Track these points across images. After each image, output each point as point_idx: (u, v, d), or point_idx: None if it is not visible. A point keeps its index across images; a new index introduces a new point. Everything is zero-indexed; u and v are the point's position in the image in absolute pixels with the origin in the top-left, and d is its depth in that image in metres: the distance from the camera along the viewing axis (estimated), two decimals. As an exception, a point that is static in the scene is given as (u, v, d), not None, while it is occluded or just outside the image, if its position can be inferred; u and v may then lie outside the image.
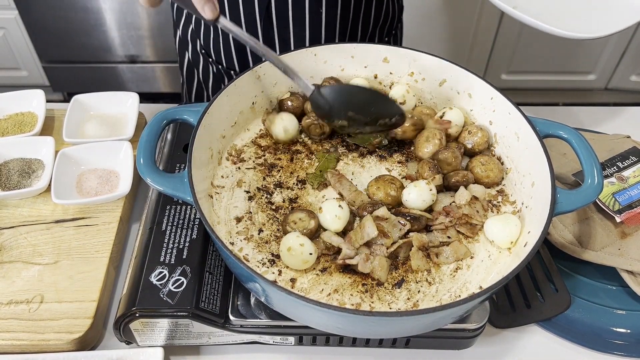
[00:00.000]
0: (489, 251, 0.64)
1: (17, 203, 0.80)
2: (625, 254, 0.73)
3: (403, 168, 0.73)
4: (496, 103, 0.72)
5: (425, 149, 0.72)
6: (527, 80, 2.34)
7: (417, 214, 0.64)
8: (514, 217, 0.64)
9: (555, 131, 0.67)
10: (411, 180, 0.69)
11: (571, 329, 0.71)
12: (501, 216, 0.65)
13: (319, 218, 0.63)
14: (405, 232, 0.63)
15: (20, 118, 0.91)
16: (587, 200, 0.61)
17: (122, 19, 2.10)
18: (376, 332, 0.61)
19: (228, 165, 0.72)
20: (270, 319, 0.64)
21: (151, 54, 2.23)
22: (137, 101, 0.92)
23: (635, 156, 0.82)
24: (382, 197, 0.66)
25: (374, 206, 0.65)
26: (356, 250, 0.61)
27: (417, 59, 0.77)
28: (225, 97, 0.70)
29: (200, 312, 0.62)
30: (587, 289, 0.74)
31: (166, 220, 0.70)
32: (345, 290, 0.60)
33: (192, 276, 0.64)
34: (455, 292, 0.60)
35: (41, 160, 0.85)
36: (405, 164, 0.73)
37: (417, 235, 0.63)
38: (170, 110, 0.67)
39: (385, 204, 0.65)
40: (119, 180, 0.83)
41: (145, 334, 0.65)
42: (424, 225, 0.65)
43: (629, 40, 2.16)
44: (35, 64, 2.27)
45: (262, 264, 0.62)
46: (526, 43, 2.18)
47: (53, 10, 2.07)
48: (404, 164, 0.73)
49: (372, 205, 0.65)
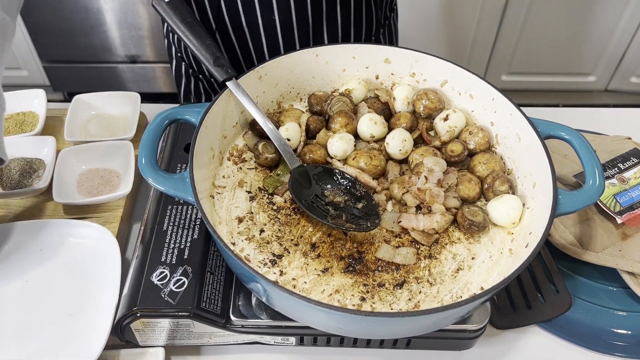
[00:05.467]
0: (490, 252, 0.64)
1: (19, 202, 0.80)
2: (626, 255, 0.73)
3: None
4: (497, 104, 0.72)
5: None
6: (527, 82, 2.34)
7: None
8: (513, 197, 0.65)
9: (556, 132, 0.67)
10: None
11: (572, 330, 0.71)
12: (501, 197, 0.66)
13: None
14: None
15: (21, 118, 0.91)
16: (588, 202, 0.61)
17: (123, 19, 2.10)
18: (377, 332, 0.61)
19: (229, 166, 0.72)
20: (272, 319, 0.64)
21: (152, 54, 2.23)
22: (138, 101, 0.92)
23: (636, 157, 0.82)
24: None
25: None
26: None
27: (419, 60, 0.77)
28: (227, 97, 0.70)
29: (201, 312, 0.62)
30: (588, 290, 0.74)
31: (167, 220, 0.70)
32: (346, 291, 0.60)
33: (193, 276, 0.64)
34: (456, 292, 0.60)
35: (42, 159, 0.85)
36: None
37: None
38: (172, 110, 0.67)
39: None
40: (120, 180, 0.83)
41: (146, 334, 0.65)
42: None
43: (629, 42, 2.16)
44: (35, 64, 2.27)
45: (264, 264, 0.62)
46: (526, 44, 2.19)
47: (53, 10, 2.07)
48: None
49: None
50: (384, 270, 0.62)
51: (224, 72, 0.69)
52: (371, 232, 0.65)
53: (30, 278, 0.70)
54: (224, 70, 0.69)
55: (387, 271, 0.62)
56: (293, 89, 0.80)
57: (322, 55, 0.78)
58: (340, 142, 0.71)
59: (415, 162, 0.71)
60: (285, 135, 0.72)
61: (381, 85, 0.81)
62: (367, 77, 0.81)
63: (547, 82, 2.34)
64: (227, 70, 0.69)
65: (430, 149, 0.72)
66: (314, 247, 0.64)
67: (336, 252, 0.63)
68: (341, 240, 0.64)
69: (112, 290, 0.66)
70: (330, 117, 0.75)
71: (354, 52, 0.78)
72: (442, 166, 0.69)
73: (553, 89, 2.37)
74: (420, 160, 0.70)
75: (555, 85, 2.34)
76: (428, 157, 0.69)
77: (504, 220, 0.65)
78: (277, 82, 0.77)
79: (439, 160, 0.69)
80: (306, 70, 0.78)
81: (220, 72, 0.69)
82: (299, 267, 0.62)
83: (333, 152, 0.72)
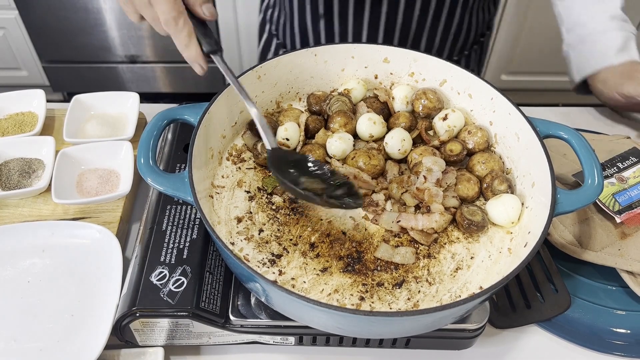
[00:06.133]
0: (489, 251, 0.64)
1: (18, 203, 0.80)
2: (625, 255, 0.73)
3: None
4: (496, 103, 0.72)
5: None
6: (527, 81, 2.34)
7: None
8: (512, 196, 0.65)
9: (555, 132, 0.67)
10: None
11: (571, 330, 0.71)
12: (500, 197, 0.66)
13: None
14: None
15: (20, 118, 0.91)
16: (587, 201, 0.61)
17: (123, 19, 2.10)
18: (376, 332, 0.61)
19: (228, 165, 0.72)
20: (271, 319, 0.64)
21: (151, 54, 2.23)
22: (137, 101, 0.92)
23: (635, 157, 0.82)
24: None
25: None
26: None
27: (418, 59, 0.77)
28: (226, 97, 0.70)
29: (200, 312, 0.62)
30: (587, 289, 0.75)
31: (166, 220, 0.70)
32: (345, 290, 0.60)
33: (192, 276, 0.64)
34: (455, 292, 0.61)
35: (41, 160, 0.85)
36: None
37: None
38: (171, 110, 0.67)
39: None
40: (119, 180, 0.83)
41: (145, 334, 0.65)
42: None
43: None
44: (35, 64, 2.27)
45: (263, 264, 0.62)
46: (526, 44, 2.19)
47: (53, 10, 2.07)
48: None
49: None
50: (383, 269, 0.62)
51: (211, 45, 0.65)
52: (370, 231, 0.65)
53: (31, 279, 0.70)
54: (211, 41, 0.65)
55: (386, 271, 0.62)
56: (292, 88, 0.80)
57: (321, 55, 0.78)
58: (339, 142, 0.71)
59: (414, 161, 0.71)
60: (284, 135, 0.72)
61: (380, 84, 0.81)
62: (366, 77, 0.81)
63: (547, 81, 2.34)
64: (213, 44, 0.65)
65: (429, 148, 0.72)
66: (313, 247, 0.64)
67: (335, 251, 0.63)
68: (340, 240, 0.64)
69: (114, 291, 0.66)
70: (329, 117, 0.75)
71: (353, 52, 0.78)
72: (440, 166, 0.69)
73: (553, 88, 2.36)
74: (419, 160, 0.70)
75: (555, 85, 2.34)
76: (427, 157, 0.70)
77: (503, 220, 0.65)
78: (276, 82, 0.77)
79: (437, 159, 0.69)
80: (305, 70, 0.78)
81: (208, 42, 0.65)
82: (298, 266, 0.62)
83: (332, 152, 0.72)
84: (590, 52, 0.97)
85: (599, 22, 0.96)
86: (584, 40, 0.97)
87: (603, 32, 0.95)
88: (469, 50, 1.09)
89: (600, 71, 0.95)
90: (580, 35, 0.98)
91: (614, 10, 0.96)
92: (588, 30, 0.97)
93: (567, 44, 1.01)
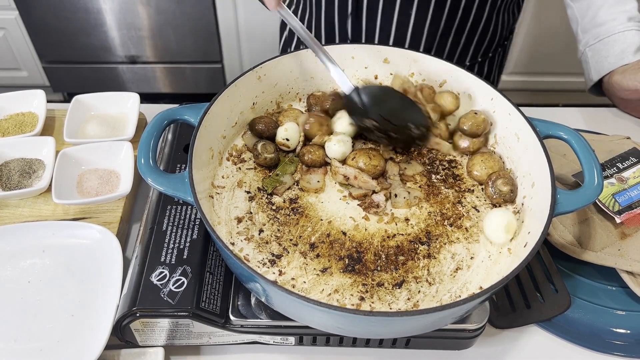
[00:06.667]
0: (489, 251, 0.64)
1: (18, 203, 0.81)
2: (625, 255, 0.73)
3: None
4: (496, 104, 0.72)
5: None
6: (527, 82, 2.34)
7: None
8: (509, 214, 0.64)
9: (555, 132, 0.67)
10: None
11: (571, 330, 0.71)
12: (497, 212, 0.65)
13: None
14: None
15: (20, 118, 0.92)
16: (587, 201, 0.61)
17: (123, 20, 2.10)
18: (376, 332, 0.61)
19: (229, 166, 0.72)
20: (271, 319, 0.64)
21: (151, 55, 2.23)
22: (137, 101, 0.92)
23: (635, 157, 0.82)
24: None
25: None
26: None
27: (418, 60, 0.77)
28: (226, 97, 0.70)
29: (200, 312, 0.62)
30: (587, 289, 0.75)
31: (167, 220, 0.70)
32: (345, 291, 0.60)
33: (192, 276, 0.64)
34: (455, 292, 0.61)
35: (42, 160, 0.85)
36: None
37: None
38: (171, 110, 0.67)
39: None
40: (120, 180, 0.83)
41: (145, 334, 0.65)
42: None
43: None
44: (35, 64, 2.27)
45: (263, 264, 0.62)
46: (525, 44, 2.19)
47: (53, 11, 2.07)
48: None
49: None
50: (383, 270, 0.62)
51: None
52: (370, 231, 0.65)
53: (32, 279, 0.71)
54: None
55: (386, 271, 0.62)
56: (292, 89, 0.80)
57: (321, 56, 0.78)
58: (337, 146, 0.71)
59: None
60: (284, 135, 0.72)
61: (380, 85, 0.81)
62: (366, 77, 0.81)
63: (547, 82, 2.34)
64: None
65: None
66: (313, 247, 0.64)
67: (335, 252, 0.63)
68: (340, 240, 0.65)
69: (114, 291, 0.67)
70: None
71: (352, 52, 0.78)
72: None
73: (553, 89, 2.37)
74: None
75: (555, 85, 2.34)
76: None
77: (499, 240, 0.64)
78: (276, 83, 0.78)
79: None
80: (305, 71, 0.79)
81: None
82: (298, 267, 0.62)
83: (331, 155, 0.72)
84: (610, 51, 0.97)
85: (618, 22, 0.96)
86: (602, 40, 0.98)
87: (622, 32, 0.96)
88: (492, 53, 1.09)
89: (619, 68, 0.96)
90: (598, 35, 0.98)
91: (632, 12, 0.97)
92: (607, 31, 0.97)
93: (584, 44, 1.01)
